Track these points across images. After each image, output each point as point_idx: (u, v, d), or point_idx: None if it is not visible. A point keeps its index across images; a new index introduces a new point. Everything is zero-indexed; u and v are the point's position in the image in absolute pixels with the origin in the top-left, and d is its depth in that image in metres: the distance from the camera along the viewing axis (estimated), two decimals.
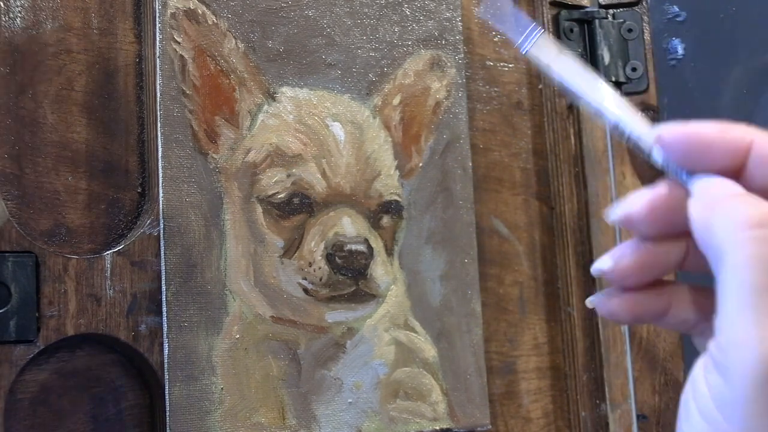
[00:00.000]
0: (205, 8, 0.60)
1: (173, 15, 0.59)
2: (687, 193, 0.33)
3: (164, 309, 0.56)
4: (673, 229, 0.34)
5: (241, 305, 0.59)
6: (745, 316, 0.29)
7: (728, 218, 0.30)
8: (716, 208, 0.31)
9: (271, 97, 0.62)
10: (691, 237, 0.32)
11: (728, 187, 0.32)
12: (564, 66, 0.37)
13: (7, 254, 0.53)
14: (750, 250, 0.29)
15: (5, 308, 0.52)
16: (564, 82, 0.37)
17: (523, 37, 0.38)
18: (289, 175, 0.61)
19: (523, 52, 0.38)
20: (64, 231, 0.57)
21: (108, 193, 0.59)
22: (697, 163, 0.33)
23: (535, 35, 0.38)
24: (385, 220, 0.65)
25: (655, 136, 0.34)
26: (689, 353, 0.76)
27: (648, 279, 0.36)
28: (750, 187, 0.32)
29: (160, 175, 0.57)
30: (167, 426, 0.55)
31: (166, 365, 0.56)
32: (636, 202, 0.34)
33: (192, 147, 0.59)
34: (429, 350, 0.66)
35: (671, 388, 0.77)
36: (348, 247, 0.61)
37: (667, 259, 0.35)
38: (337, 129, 0.63)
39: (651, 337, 0.76)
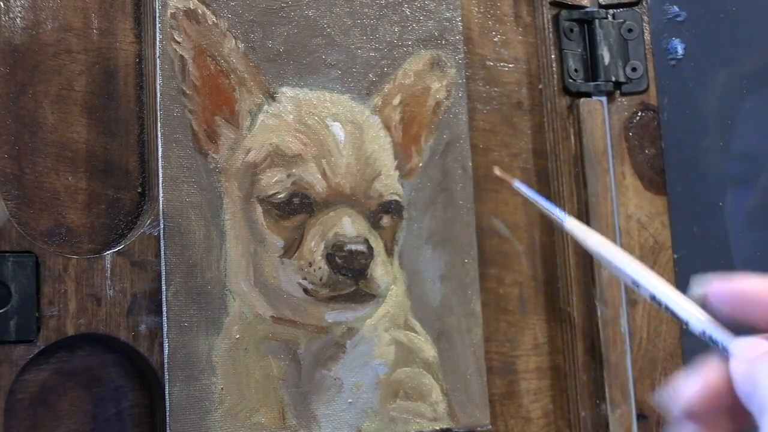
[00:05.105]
0: (205, 8, 0.60)
1: (173, 15, 0.59)
2: (725, 357, 0.34)
3: (164, 309, 0.56)
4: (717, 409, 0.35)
5: (241, 305, 0.59)
6: None
7: None
8: (758, 363, 0.32)
9: (271, 97, 0.62)
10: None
11: (766, 345, 0.33)
12: (599, 241, 0.41)
13: (7, 254, 0.53)
14: None
15: (5, 308, 0.52)
16: (600, 255, 0.41)
17: (558, 213, 0.42)
18: (289, 175, 0.61)
19: (564, 226, 0.43)
20: (64, 231, 0.57)
21: (108, 193, 0.59)
22: (743, 317, 0.35)
23: (565, 214, 0.43)
24: (385, 220, 0.65)
25: (705, 290, 0.35)
26: (689, 353, 0.76)
27: None
28: None
29: (160, 175, 0.57)
30: (167, 426, 0.55)
31: (166, 365, 0.56)
32: (688, 390, 0.35)
33: (192, 147, 0.59)
34: (429, 350, 0.66)
35: None
36: (348, 247, 0.61)
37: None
38: (337, 129, 0.63)
39: (651, 337, 0.76)
